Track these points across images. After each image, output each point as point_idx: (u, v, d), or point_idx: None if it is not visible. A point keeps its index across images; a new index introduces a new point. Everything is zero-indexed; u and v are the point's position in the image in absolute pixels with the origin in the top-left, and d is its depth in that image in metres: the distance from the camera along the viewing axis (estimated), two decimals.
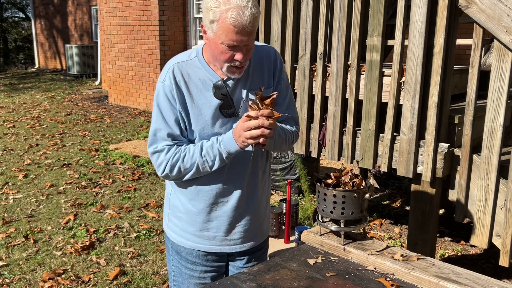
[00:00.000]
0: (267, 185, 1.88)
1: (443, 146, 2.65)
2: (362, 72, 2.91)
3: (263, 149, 1.67)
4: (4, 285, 3.11)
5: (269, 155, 1.88)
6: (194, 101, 1.64)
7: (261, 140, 1.52)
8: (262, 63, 1.72)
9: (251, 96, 1.66)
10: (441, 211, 4.26)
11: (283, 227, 3.15)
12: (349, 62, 2.97)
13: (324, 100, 3.16)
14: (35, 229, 3.93)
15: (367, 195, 1.69)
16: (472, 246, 3.72)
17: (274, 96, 1.52)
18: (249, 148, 1.60)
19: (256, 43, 1.70)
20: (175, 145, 1.66)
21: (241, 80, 1.68)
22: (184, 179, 1.69)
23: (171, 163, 1.64)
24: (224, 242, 1.79)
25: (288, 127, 1.77)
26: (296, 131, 1.82)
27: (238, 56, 1.54)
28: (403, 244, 3.71)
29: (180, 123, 1.65)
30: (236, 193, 1.74)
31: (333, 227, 1.70)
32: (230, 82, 1.65)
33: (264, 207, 1.88)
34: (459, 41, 2.73)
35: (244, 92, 1.68)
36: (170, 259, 1.91)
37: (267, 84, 1.72)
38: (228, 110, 1.66)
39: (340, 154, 3.10)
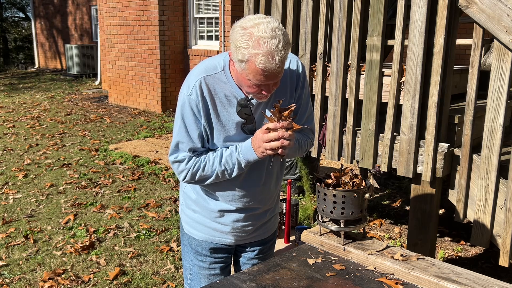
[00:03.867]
0: (279, 184, 1.92)
1: (443, 146, 2.65)
2: (362, 72, 2.91)
3: (281, 159, 1.69)
4: (4, 285, 3.11)
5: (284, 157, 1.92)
6: (218, 116, 1.64)
7: (280, 151, 1.54)
8: (286, 83, 1.71)
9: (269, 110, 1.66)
10: (441, 211, 4.26)
11: (283, 227, 3.15)
12: (349, 62, 2.97)
13: (324, 100, 3.16)
14: (35, 229, 3.93)
15: (367, 195, 1.69)
16: (472, 246, 3.72)
17: (293, 108, 1.53)
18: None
19: None
20: (195, 154, 1.68)
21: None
22: (205, 184, 1.73)
23: (191, 172, 1.67)
24: (236, 236, 1.84)
25: (304, 135, 1.81)
26: (311, 141, 1.85)
27: (265, 92, 1.54)
28: (403, 244, 3.71)
29: (203, 136, 1.66)
30: (252, 195, 1.78)
31: (333, 227, 1.70)
32: (254, 101, 1.65)
33: (275, 205, 1.94)
34: (459, 41, 2.73)
35: (267, 105, 1.69)
36: (185, 251, 1.95)
37: (288, 97, 1.72)
38: (249, 128, 1.68)
39: (340, 154, 3.09)
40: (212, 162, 1.66)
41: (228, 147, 1.67)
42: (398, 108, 2.77)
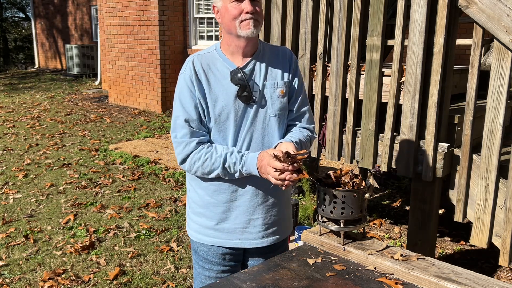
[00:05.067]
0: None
1: (443, 146, 2.65)
2: (362, 72, 2.91)
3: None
4: (4, 285, 3.11)
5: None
6: (211, 88, 1.71)
7: (283, 188, 1.60)
8: (278, 56, 1.82)
9: (281, 149, 1.67)
10: (441, 211, 4.26)
11: None
12: (349, 62, 2.97)
13: (324, 100, 3.16)
14: (35, 229, 3.93)
15: (367, 195, 1.69)
16: (471, 246, 3.72)
17: (305, 155, 1.59)
18: None
19: (270, 44, 1.84)
20: (195, 140, 1.70)
21: (257, 66, 1.75)
22: (201, 177, 1.77)
23: (190, 161, 1.72)
24: (244, 235, 1.81)
25: (305, 134, 1.83)
26: (313, 136, 1.88)
27: (247, 7, 1.63)
28: (403, 244, 3.71)
29: (199, 109, 1.71)
30: (256, 185, 1.78)
31: (333, 227, 1.70)
32: (247, 70, 1.73)
33: (282, 202, 1.88)
34: (459, 41, 2.73)
35: (261, 79, 1.75)
36: (193, 262, 1.94)
37: (281, 74, 1.79)
38: (245, 94, 1.72)
39: (340, 154, 3.10)
40: (214, 160, 1.68)
41: (232, 153, 1.68)
42: (398, 108, 2.77)
